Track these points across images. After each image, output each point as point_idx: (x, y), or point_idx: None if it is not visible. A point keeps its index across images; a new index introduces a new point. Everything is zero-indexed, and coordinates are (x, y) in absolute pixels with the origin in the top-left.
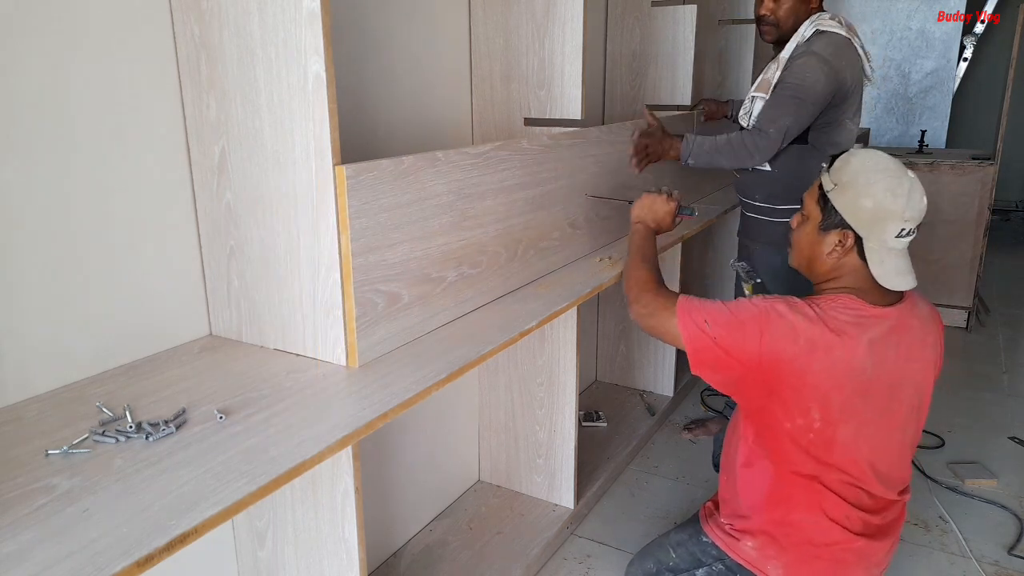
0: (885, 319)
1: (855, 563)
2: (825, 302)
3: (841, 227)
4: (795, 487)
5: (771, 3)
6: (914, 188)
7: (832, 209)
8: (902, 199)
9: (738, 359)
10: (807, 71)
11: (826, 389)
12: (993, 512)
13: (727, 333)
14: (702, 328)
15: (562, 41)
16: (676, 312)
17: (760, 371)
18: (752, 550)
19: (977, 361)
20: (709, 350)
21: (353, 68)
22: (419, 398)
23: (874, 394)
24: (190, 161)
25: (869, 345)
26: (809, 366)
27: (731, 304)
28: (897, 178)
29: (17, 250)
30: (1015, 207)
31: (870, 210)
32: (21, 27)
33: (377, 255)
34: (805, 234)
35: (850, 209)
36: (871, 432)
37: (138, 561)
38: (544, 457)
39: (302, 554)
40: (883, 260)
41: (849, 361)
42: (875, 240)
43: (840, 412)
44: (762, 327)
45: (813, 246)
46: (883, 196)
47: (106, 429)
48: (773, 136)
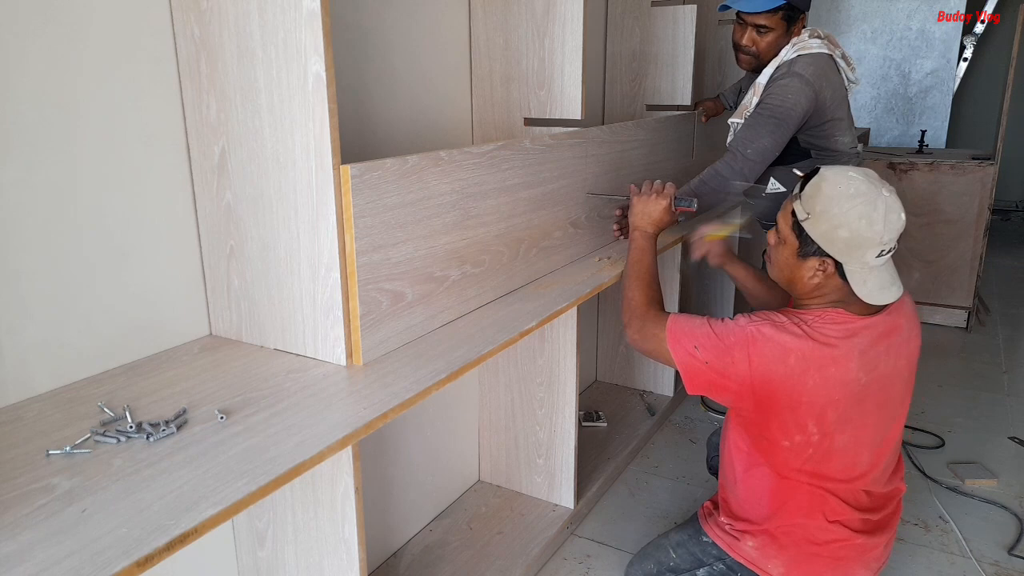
0: (874, 327)
1: (855, 559)
2: (812, 318)
3: (819, 255)
4: (796, 492)
5: (754, 34)
6: (890, 208)
7: (808, 238)
8: (879, 225)
9: (731, 382)
10: (788, 93)
11: (822, 405)
12: (993, 512)
13: (715, 357)
14: (692, 353)
15: (562, 41)
16: (666, 337)
17: (753, 393)
18: (753, 549)
19: (977, 361)
20: (702, 374)
21: (353, 68)
22: (419, 398)
23: (868, 399)
24: (190, 161)
25: (860, 355)
26: (803, 385)
27: (717, 326)
28: (871, 202)
29: (17, 250)
30: (1015, 207)
31: (846, 239)
32: (22, 28)
33: (381, 254)
34: (784, 258)
35: (827, 239)
36: (868, 434)
37: (138, 561)
38: (544, 457)
39: (302, 554)
40: (865, 280)
41: (843, 375)
42: (855, 264)
43: (837, 423)
44: (749, 352)
45: (793, 270)
46: (858, 225)
47: (107, 429)
48: (751, 157)
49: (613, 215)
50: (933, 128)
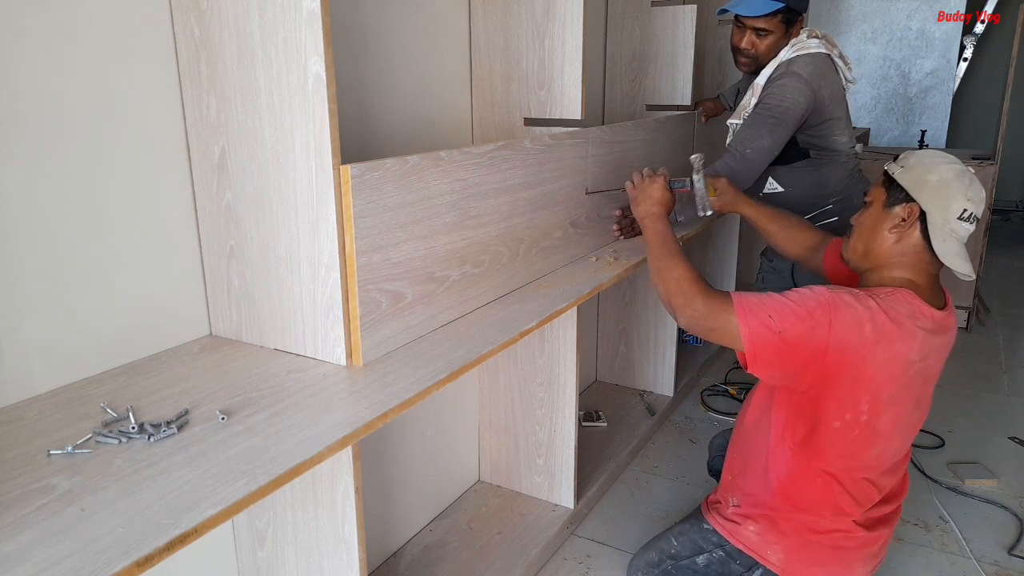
0: (935, 320)
1: (854, 550)
2: (885, 294)
3: (907, 202)
4: (814, 484)
5: (753, 38)
6: (975, 179)
7: (898, 187)
8: (966, 180)
9: (803, 351)
10: (786, 92)
11: (880, 380)
12: (993, 512)
13: (792, 325)
14: (766, 324)
15: (562, 41)
16: (735, 311)
17: (823, 362)
18: (753, 535)
19: (977, 361)
20: (773, 346)
21: (353, 68)
22: (419, 398)
23: (914, 387)
24: (190, 161)
25: (921, 342)
26: (872, 356)
27: (792, 295)
28: (960, 165)
29: (17, 250)
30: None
31: (935, 184)
32: (21, 27)
33: (381, 254)
34: (868, 216)
35: (916, 184)
36: (903, 424)
37: (138, 561)
38: (544, 457)
39: (302, 554)
40: (945, 239)
41: (906, 354)
42: (939, 216)
43: (885, 405)
44: (831, 317)
45: (876, 226)
46: (948, 174)
47: (109, 429)
48: (750, 157)
49: (613, 215)
50: (933, 128)
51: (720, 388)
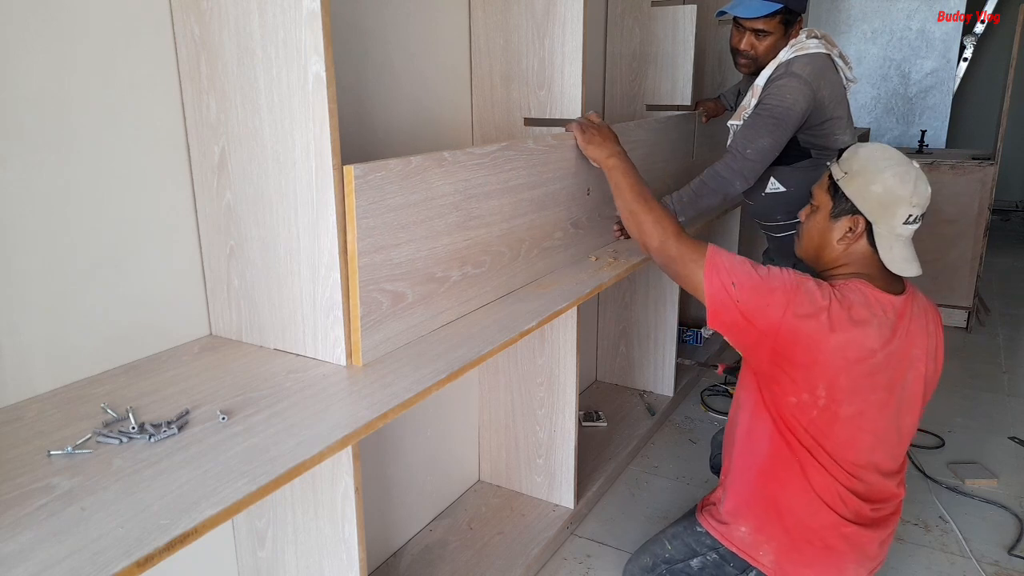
0: (893, 306)
1: (847, 551)
2: (840, 285)
3: (852, 213)
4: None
5: (752, 39)
6: (919, 176)
7: (843, 196)
8: (909, 185)
9: (756, 326)
10: (786, 93)
11: (836, 369)
12: (993, 512)
13: (751, 298)
14: (727, 289)
15: (562, 41)
16: (704, 265)
17: (775, 341)
18: (745, 535)
19: (977, 361)
20: (729, 311)
21: (353, 68)
22: (419, 398)
23: (879, 379)
24: (190, 161)
25: (879, 329)
26: (826, 343)
27: (762, 270)
28: (903, 166)
29: (17, 250)
30: (1015, 207)
31: (879, 195)
32: (21, 27)
33: (383, 255)
34: (815, 223)
35: (860, 195)
36: (872, 417)
37: (138, 561)
38: (544, 457)
39: (302, 554)
40: (892, 246)
41: (861, 344)
42: (884, 225)
43: (846, 393)
44: (789, 298)
45: (823, 234)
46: (892, 181)
47: (109, 429)
48: (751, 157)
49: (614, 215)
50: (933, 128)
51: (720, 388)
